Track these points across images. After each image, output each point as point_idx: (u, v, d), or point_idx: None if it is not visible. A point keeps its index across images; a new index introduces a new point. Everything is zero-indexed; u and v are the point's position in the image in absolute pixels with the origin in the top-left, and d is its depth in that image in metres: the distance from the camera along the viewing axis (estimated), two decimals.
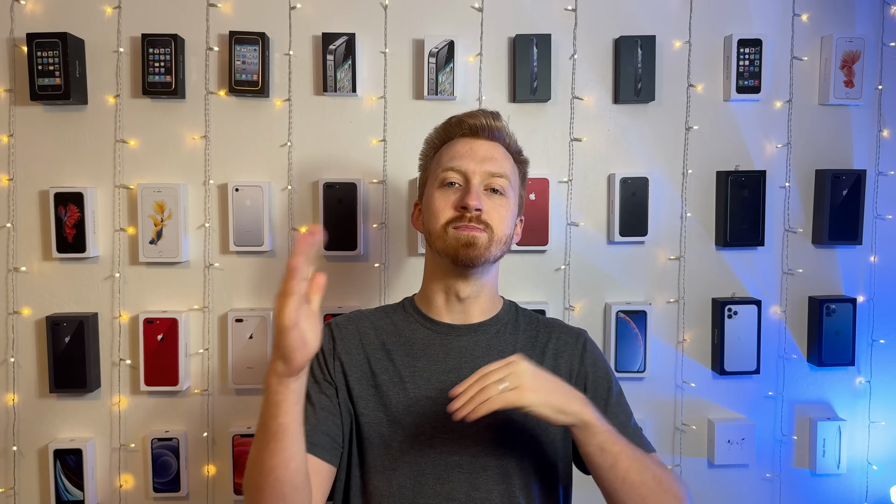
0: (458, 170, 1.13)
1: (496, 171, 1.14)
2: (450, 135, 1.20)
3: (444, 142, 1.21)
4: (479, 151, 1.15)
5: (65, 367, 1.62)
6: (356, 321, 1.21)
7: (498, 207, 1.13)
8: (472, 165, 1.13)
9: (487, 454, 1.11)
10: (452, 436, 1.10)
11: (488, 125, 1.17)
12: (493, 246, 1.12)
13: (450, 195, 1.13)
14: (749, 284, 1.75)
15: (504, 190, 1.14)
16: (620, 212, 1.69)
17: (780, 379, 1.77)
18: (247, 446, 1.66)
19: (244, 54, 1.62)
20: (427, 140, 1.25)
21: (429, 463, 1.10)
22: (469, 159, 1.14)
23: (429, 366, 1.14)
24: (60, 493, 1.64)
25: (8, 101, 1.64)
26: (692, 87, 1.72)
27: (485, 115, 1.18)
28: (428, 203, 1.17)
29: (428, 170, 1.22)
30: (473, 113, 1.19)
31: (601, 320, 1.74)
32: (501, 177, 1.14)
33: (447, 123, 1.22)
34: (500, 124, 1.19)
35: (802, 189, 1.76)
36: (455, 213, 1.11)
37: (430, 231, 1.15)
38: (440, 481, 1.09)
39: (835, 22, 1.73)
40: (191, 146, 1.67)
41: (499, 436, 1.11)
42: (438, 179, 1.15)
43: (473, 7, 1.69)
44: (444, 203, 1.13)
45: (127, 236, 1.67)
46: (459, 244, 1.10)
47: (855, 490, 1.79)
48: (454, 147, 1.17)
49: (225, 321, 1.67)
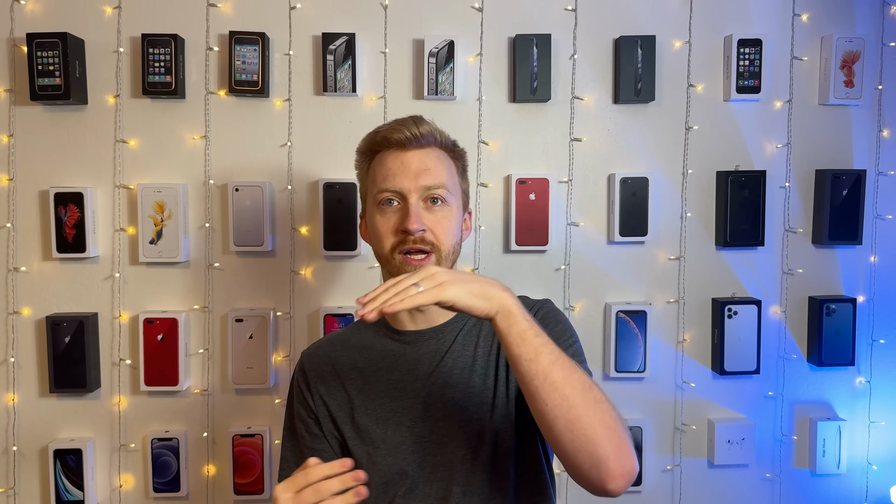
0: (394, 189, 1.10)
1: (432, 183, 1.10)
2: (378, 147, 1.16)
3: (374, 153, 1.17)
4: (412, 164, 1.10)
5: (65, 367, 1.62)
6: (326, 348, 1.21)
7: (441, 220, 1.11)
8: (406, 183, 1.10)
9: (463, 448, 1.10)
10: (431, 437, 1.11)
11: (414, 135, 1.11)
12: (442, 264, 1.10)
13: (390, 216, 1.11)
14: (749, 284, 1.75)
15: (444, 198, 1.11)
16: (620, 212, 1.69)
17: (780, 379, 1.77)
18: (247, 446, 1.66)
19: (244, 54, 1.62)
20: (358, 150, 1.21)
21: (415, 468, 1.10)
22: (402, 176, 1.10)
23: (401, 376, 1.14)
24: (60, 493, 1.64)
25: (8, 101, 1.64)
26: (692, 87, 1.72)
27: (408, 126, 1.13)
28: (371, 223, 1.15)
29: (365, 184, 1.19)
30: (396, 126, 1.14)
31: (601, 320, 1.74)
32: (439, 187, 1.11)
33: (373, 137, 1.16)
34: (426, 129, 1.13)
35: (802, 189, 1.76)
36: (398, 238, 1.10)
37: (378, 254, 1.14)
38: (428, 482, 1.10)
39: (835, 22, 1.73)
40: (191, 146, 1.67)
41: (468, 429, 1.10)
42: (376, 199, 1.12)
43: (473, 7, 1.69)
44: (385, 226, 1.11)
45: (127, 236, 1.67)
46: None
47: (855, 490, 1.79)
48: (385, 163, 1.13)
49: (225, 321, 1.67)
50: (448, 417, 1.11)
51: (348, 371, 1.17)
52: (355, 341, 1.21)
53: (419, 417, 1.11)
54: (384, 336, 1.19)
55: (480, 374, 1.13)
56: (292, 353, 1.70)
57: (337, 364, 1.18)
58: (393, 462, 1.11)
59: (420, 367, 1.14)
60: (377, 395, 1.14)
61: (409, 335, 1.16)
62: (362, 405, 1.14)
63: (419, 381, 1.13)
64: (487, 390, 1.12)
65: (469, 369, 1.13)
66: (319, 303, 1.70)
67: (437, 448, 1.10)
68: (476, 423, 1.11)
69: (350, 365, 1.17)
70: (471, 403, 1.12)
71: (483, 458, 1.10)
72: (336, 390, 1.16)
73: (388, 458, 1.11)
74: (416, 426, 1.11)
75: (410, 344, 1.16)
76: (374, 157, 1.17)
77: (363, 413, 1.13)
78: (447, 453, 1.10)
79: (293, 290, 1.70)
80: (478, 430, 1.11)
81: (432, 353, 1.15)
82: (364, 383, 1.15)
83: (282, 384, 1.70)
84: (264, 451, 1.67)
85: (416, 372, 1.14)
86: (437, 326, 1.16)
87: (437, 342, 1.15)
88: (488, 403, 1.12)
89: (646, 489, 1.75)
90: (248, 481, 1.67)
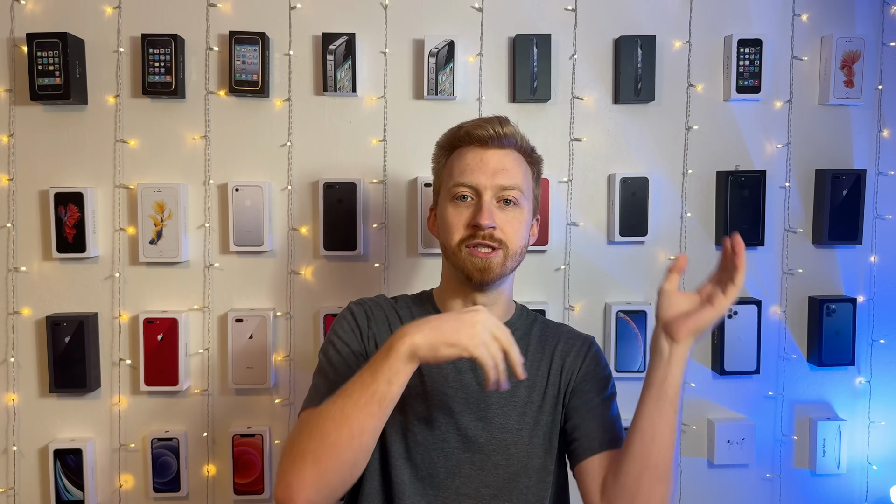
0: (469, 184, 1.12)
1: (508, 183, 1.12)
2: (460, 142, 1.18)
3: (454, 148, 1.19)
4: (490, 163, 1.13)
5: (65, 367, 1.62)
6: (384, 308, 1.22)
7: (511, 221, 1.12)
8: (482, 179, 1.11)
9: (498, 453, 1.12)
10: (465, 433, 1.12)
11: (497, 134, 1.14)
12: (508, 262, 1.12)
13: (462, 210, 1.12)
14: (749, 284, 1.75)
15: (517, 200, 1.13)
16: (620, 212, 1.69)
17: (780, 379, 1.77)
18: (247, 446, 1.66)
19: (244, 54, 1.62)
20: (438, 144, 1.22)
21: (440, 457, 1.11)
22: (479, 173, 1.12)
23: (445, 364, 1.14)
24: (60, 493, 1.64)
25: (8, 101, 1.64)
26: (692, 87, 1.72)
27: (492, 125, 1.14)
28: (441, 216, 1.16)
29: (440, 177, 1.20)
30: (481, 124, 1.15)
31: (601, 320, 1.73)
32: (513, 189, 1.13)
33: (456, 132, 1.18)
34: (510, 130, 1.15)
35: (802, 189, 1.76)
36: (468, 232, 1.11)
37: (445, 245, 1.15)
38: (450, 476, 1.11)
39: (835, 22, 1.73)
40: (191, 146, 1.67)
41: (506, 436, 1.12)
42: (450, 193, 1.14)
43: (473, 7, 1.69)
44: (456, 219, 1.12)
45: (127, 236, 1.67)
46: (474, 268, 1.10)
47: (855, 490, 1.79)
48: (464, 158, 1.15)
49: (225, 321, 1.67)
50: (486, 419, 1.12)
51: None
52: (404, 313, 1.21)
53: (457, 410, 1.12)
54: None
55: (527, 384, 1.15)
56: (292, 353, 1.70)
57: (392, 327, 1.18)
58: (422, 443, 1.11)
59: (462, 360, 1.14)
60: (419, 374, 1.13)
61: None
62: None
63: (459, 374, 1.14)
64: (532, 404, 1.14)
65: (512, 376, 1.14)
66: (319, 303, 1.70)
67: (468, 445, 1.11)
68: (514, 431, 1.12)
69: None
70: (513, 410, 1.13)
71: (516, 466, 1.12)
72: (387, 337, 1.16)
73: (417, 438, 1.12)
74: (452, 417, 1.12)
75: None
76: (454, 152, 1.18)
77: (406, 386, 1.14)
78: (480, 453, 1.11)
79: (293, 290, 1.70)
80: (515, 438, 1.12)
81: None
82: None
83: (282, 384, 1.70)
84: (264, 451, 1.67)
85: (458, 364, 1.15)
86: None
87: None
88: (532, 415, 1.14)
89: None
90: (249, 481, 1.67)
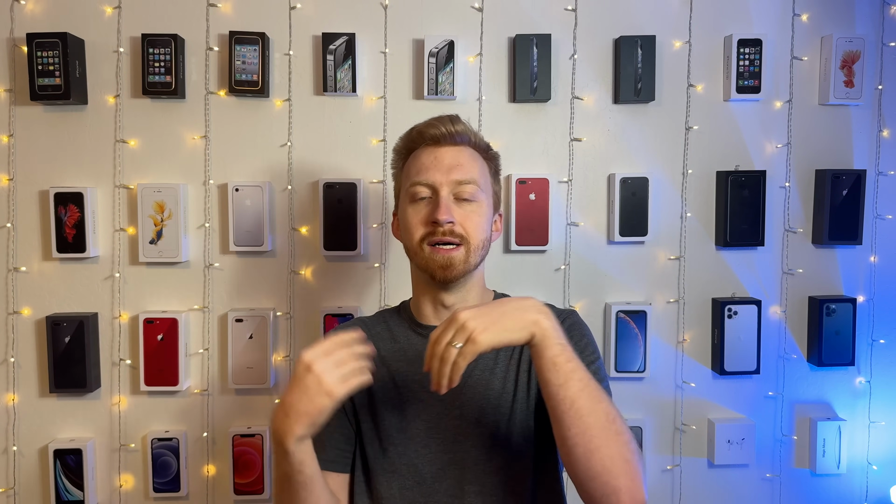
0: (426, 183, 1.13)
1: (464, 178, 1.13)
2: (414, 144, 1.19)
3: (410, 151, 1.20)
4: (445, 160, 1.13)
5: (65, 367, 1.62)
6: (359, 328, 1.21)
7: (470, 215, 1.13)
8: (438, 177, 1.12)
9: (477, 448, 1.11)
10: (445, 434, 1.12)
11: (448, 132, 1.15)
12: (470, 257, 1.12)
13: (421, 209, 1.13)
14: (749, 284, 1.75)
15: (474, 195, 1.14)
16: (620, 212, 1.69)
17: (780, 379, 1.77)
18: (247, 446, 1.66)
19: (244, 54, 1.62)
20: (394, 149, 1.24)
21: (425, 463, 1.11)
22: (434, 170, 1.13)
23: (420, 370, 1.14)
24: (60, 493, 1.64)
25: (8, 101, 1.64)
26: (692, 87, 1.72)
27: (443, 123, 1.16)
28: (402, 218, 1.17)
29: (399, 181, 1.22)
30: (432, 123, 1.17)
31: (601, 320, 1.73)
32: (469, 183, 1.13)
33: (409, 134, 1.20)
34: (461, 127, 1.17)
35: (802, 189, 1.76)
36: (427, 229, 1.12)
37: (408, 247, 1.17)
38: (437, 479, 1.10)
39: (835, 22, 1.73)
40: (191, 146, 1.67)
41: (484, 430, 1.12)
42: (409, 194, 1.15)
43: (473, 7, 1.69)
44: (416, 219, 1.13)
45: (127, 236, 1.67)
46: (437, 266, 1.11)
47: (855, 490, 1.79)
48: (419, 158, 1.16)
49: (225, 321, 1.67)
50: (464, 417, 1.12)
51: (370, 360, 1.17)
52: (379, 329, 1.22)
53: (435, 414, 1.12)
54: (408, 328, 1.21)
55: (500, 377, 1.14)
56: (292, 353, 1.70)
57: None
58: (404, 453, 1.12)
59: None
60: (394, 387, 1.15)
61: (431, 330, 1.17)
62: (380, 391, 1.14)
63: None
64: (507, 394, 1.13)
65: (489, 371, 1.14)
66: (319, 303, 1.70)
67: (450, 446, 1.11)
68: (492, 425, 1.12)
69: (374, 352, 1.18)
70: (488, 405, 1.12)
71: (498, 460, 1.11)
72: None
73: (399, 449, 1.12)
74: (431, 422, 1.12)
75: None
76: (409, 155, 1.19)
77: (380, 400, 1.14)
78: (460, 452, 1.11)
79: (293, 290, 1.70)
80: (492, 432, 1.11)
81: None
82: (385, 371, 1.16)
83: (282, 384, 1.70)
84: (264, 451, 1.67)
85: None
86: None
87: None
88: (507, 407, 1.13)
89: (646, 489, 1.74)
90: (249, 481, 1.67)
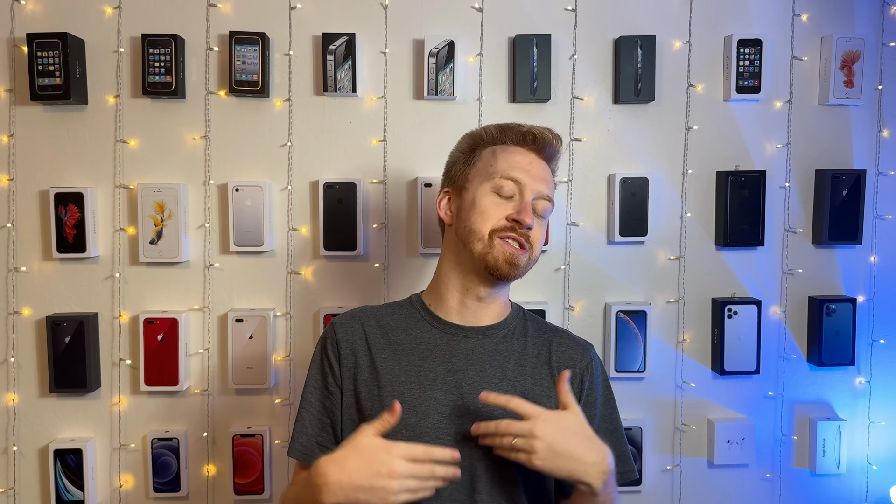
0: (518, 181, 1.13)
1: (548, 193, 1.15)
2: (508, 138, 1.18)
3: (501, 142, 1.18)
4: (538, 170, 1.15)
5: (65, 367, 1.62)
6: (360, 318, 1.20)
7: (538, 229, 1.15)
8: (529, 182, 1.13)
9: (487, 458, 1.10)
10: (455, 437, 1.10)
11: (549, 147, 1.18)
12: (529, 265, 1.14)
13: (503, 203, 1.13)
14: (749, 284, 1.75)
15: (546, 213, 1.17)
16: (620, 212, 1.69)
17: (780, 379, 1.77)
18: (247, 446, 1.66)
19: (244, 54, 1.62)
20: (476, 135, 1.21)
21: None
22: (527, 174, 1.13)
23: (434, 366, 1.14)
24: (60, 493, 1.64)
25: (8, 101, 1.64)
26: (692, 87, 1.72)
27: (549, 136, 1.18)
28: (476, 201, 1.14)
29: (475, 164, 1.18)
30: (540, 130, 1.18)
31: (601, 320, 1.74)
32: (549, 201, 1.16)
33: (515, 127, 1.19)
34: (560, 149, 1.20)
35: (802, 189, 1.76)
36: (505, 224, 1.11)
37: (472, 229, 1.13)
38: None
39: (835, 22, 1.73)
40: (191, 146, 1.67)
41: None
42: (493, 183, 1.13)
43: (473, 7, 1.69)
44: (496, 209, 1.12)
45: (127, 236, 1.67)
46: (503, 259, 1.10)
47: (855, 490, 1.79)
48: (514, 155, 1.16)
49: (225, 321, 1.67)
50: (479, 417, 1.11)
51: (380, 349, 1.16)
52: (389, 320, 1.20)
53: (447, 413, 1.11)
54: (423, 320, 1.19)
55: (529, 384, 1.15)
56: (292, 353, 1.70)
57: (370, 339, 1.17)
58: None
59: (455, 361, 1.14)
60: (406, 380, 1.13)
61: (450, 327, 1.16)
62: (389, 385, 1.13)
63: (451, 375, 1.13)
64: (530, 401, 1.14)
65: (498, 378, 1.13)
66: (319, 303, 1.70)
67: (459, 445, 1.09)
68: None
69: (383, 343, 1.17)
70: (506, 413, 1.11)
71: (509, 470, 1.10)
72: (365, 365, 1.15)
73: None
74: (442, 420, 1.11)
75: (450, 335, 1.16)
76: (499, 146, 1.18)
77: (389, 394, 1.12)
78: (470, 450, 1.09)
79: (293, 290, 1.70)
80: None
81: (469, 350, 1.15)
82: (395, 364, 1.14)
83: (282, 384, 1.70)
84: (264, 451, 1.67)
85: (450, 365, 1.14)
86: (481, 327, 1.17)
87: (477, 342, 1.16)
88: None
89: (646, 489, 1.75)
90: (249, 481, 1.67)
